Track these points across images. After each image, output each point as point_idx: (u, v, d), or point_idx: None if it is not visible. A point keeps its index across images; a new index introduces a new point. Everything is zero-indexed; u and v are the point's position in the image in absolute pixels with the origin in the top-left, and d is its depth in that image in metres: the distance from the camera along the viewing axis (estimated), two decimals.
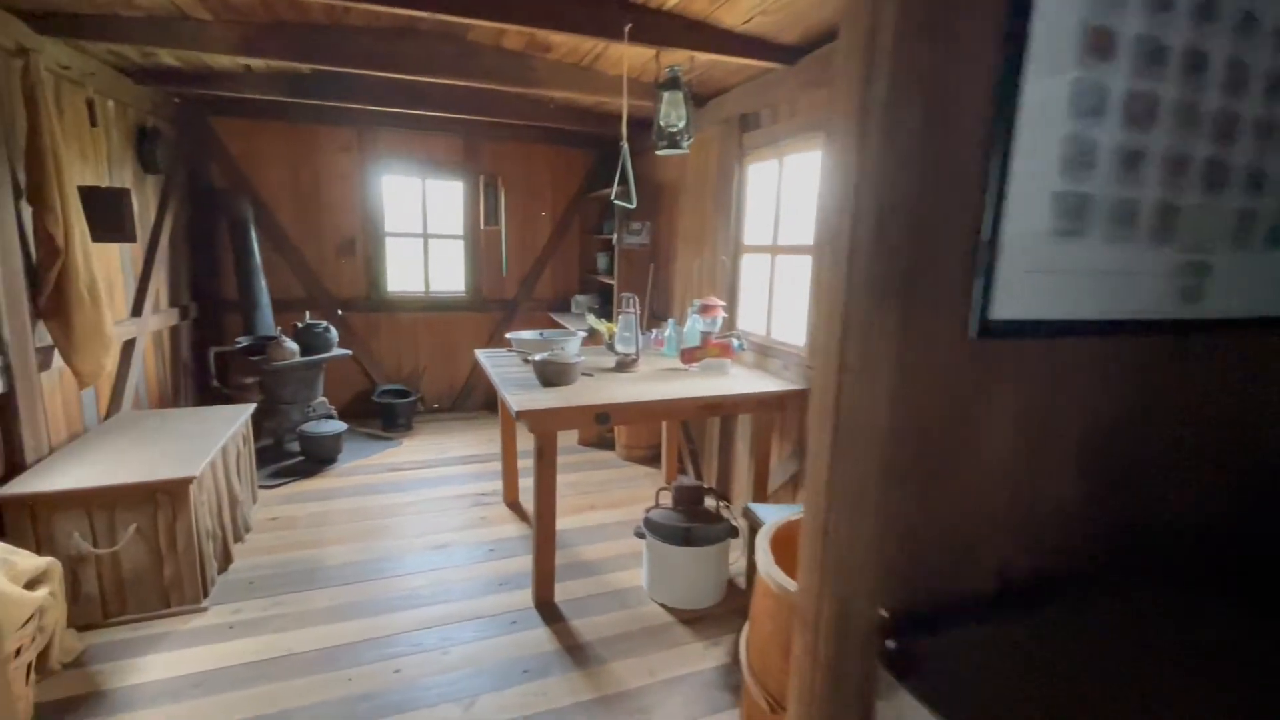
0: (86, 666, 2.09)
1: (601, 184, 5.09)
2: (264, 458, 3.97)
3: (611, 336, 3.33)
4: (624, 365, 2.94)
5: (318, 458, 3.97)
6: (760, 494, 2.85)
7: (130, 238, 3.02)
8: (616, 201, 2.82)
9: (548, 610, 2.46)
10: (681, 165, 4.00)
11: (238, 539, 2.92)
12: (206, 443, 2.67)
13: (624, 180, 2.65)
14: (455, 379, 5.28)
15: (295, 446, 4.03)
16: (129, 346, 3.33)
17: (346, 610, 2.44)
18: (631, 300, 2.98)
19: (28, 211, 2.48)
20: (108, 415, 3.12)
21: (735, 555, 2.78)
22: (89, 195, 2.87)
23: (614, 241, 4.41)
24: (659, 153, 2.65)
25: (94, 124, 2.95)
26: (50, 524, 2.18)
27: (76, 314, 2.58)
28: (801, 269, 2.88)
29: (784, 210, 3.00)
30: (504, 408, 3.35)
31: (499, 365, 2.99)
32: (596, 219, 5.38)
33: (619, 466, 4.10)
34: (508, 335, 3.20)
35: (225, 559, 2.70)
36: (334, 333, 4.24)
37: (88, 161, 2.98)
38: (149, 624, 2.31)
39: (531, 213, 5.25)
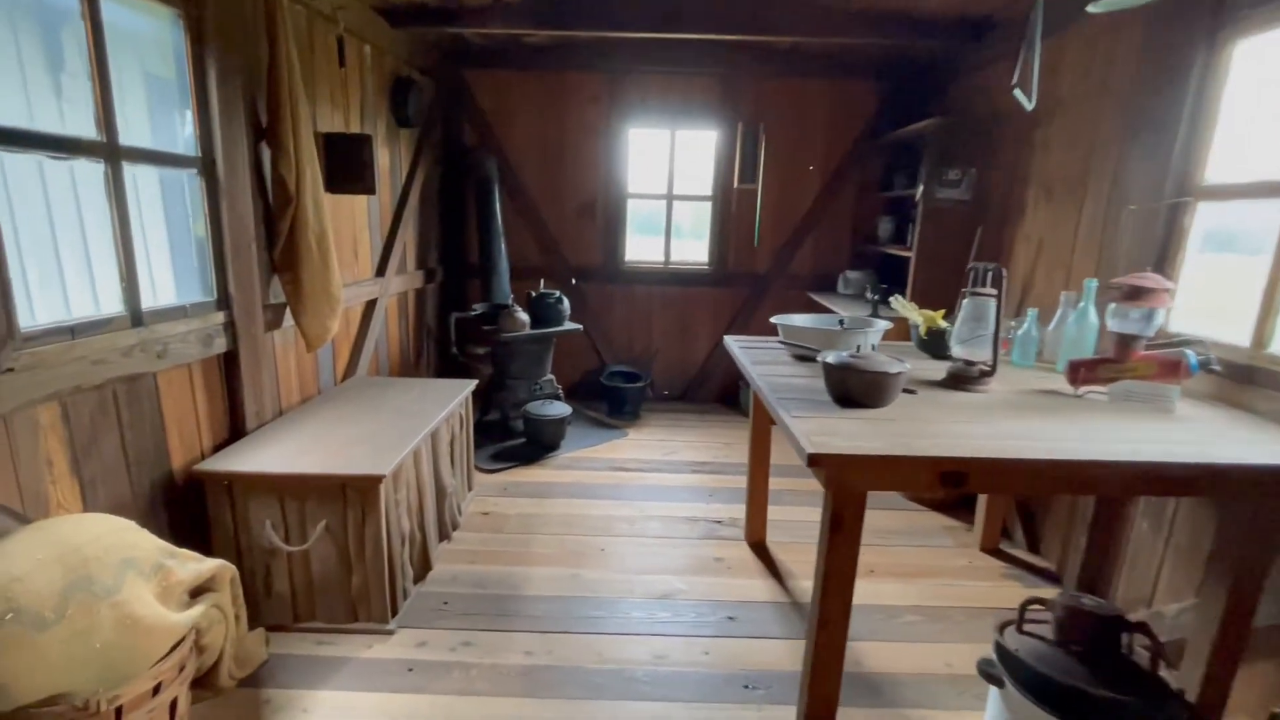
0: (260, 688, 1.75)
1: (892, 125, 3.86)
2: (489, 433, 3.70)
3: (936, 332, 2.22)
4: (964, 380, 1.84)
5: (540, 442, 3.57)
6: (1230, 645, 1.54)
7: (369, 189, 2.77)
8: (1016, 94, 1.71)
9: None
10: (1049, 77, 2.63)
11: (443, 537, 2.53)
12: (416, 424, 2.27)
13: (1028, 58, 1.52)
14: (689, 364, 4.58)
15: (520, 425, 3.68)
16: (370, 308, 3.18)
17: (540, 679, 1.81)
18: (993, 273, 1.83)
19: (267, 156, 2.25)
20: (345, 378, 2.98)
21: None
22: (328, 141, 2.66)
23: (918, 197, 3.20)
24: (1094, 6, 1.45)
25: (342, 64, 2.73)
26: (246, 507, 1.90)
27: (305, 268, 2.34)
28: None
29: None
30: (759, 418, 2.49)
31: (761, 362, 2.11)
32: (881, 171, 4.17)
33: (905, 508, 2.97)
34: (775, 319, 2.29)
35: (424, 565, 2.29)
36: (566, 304, 3.79)
37: (337, 107, 2.78)
38: (334, 639, 1.95)
39: (796, 166, 4.24)
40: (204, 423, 2.05)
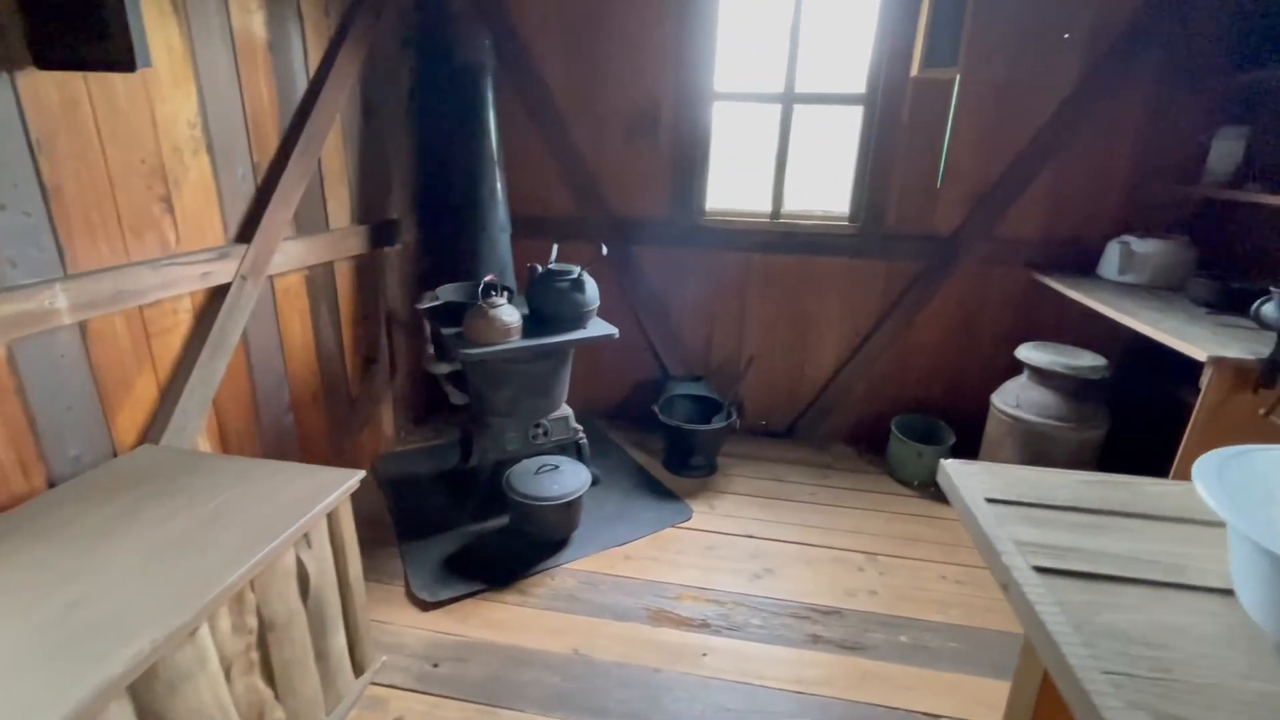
0: None
1: None
2: (458, 496, 2.22)
3: None
4: None
5: (531, 536, 2.05)
6: None
7: (123, 63, 1.23)
8: None
9: None
10: None
11: None
12: None
13: None
14: (803, 381, 2.84)
15: (503, 492, 2.16)
16: (213, 301, 1.70)
17: None
18: None
19: None
20: (143, 438, 1.55)
21: None
22: None
23: None
24: None
25: None
26: None
27: None
28: None
29: None
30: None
31: None
32: (1228, 40, 2.13)
33: None
34: None
35: None
36: (591, 289, 2.15)
37: None
38: None
39: (1036, 36, 2.28)
40: None
